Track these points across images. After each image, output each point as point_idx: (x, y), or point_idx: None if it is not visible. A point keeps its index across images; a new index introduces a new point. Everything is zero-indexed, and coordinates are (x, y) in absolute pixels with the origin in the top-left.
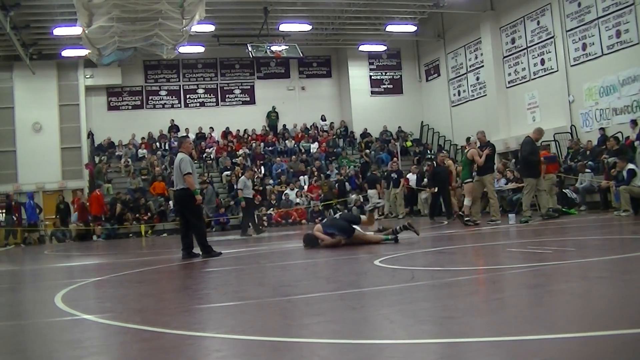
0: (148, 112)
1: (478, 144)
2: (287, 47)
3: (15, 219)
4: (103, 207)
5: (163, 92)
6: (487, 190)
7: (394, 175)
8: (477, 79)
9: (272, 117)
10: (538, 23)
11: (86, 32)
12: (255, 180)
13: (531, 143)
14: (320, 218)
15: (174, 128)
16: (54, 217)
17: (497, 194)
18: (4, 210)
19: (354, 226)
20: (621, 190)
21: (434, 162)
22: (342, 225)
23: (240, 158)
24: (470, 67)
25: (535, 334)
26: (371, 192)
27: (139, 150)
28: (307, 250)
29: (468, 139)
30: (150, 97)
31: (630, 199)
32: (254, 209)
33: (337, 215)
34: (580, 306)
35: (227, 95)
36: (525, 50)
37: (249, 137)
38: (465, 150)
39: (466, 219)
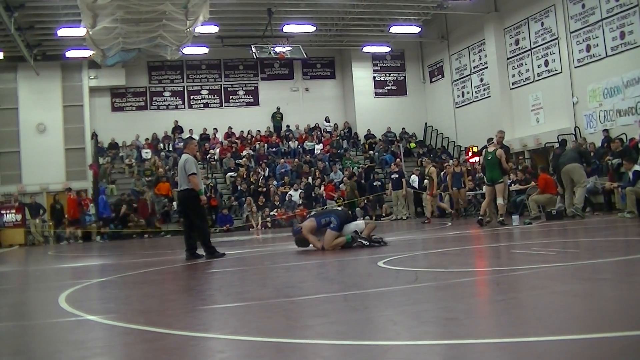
0: (152, 113)
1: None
2: (291, 48)
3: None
4: (78, 209)
5: (167, 93)
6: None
7: (394, 176)
8: (481, 80)
9: (277, 118)
10: (542, 24)
11: (90, 33)
12: (260, 180)
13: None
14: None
15: (177, 129)
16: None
17: None
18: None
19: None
20: (627, 192)
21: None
22: (341, 213)
23: (244, 159)
24: (474, 68)
25: (539, 335)
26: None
27: (143, 151)
28: (307, 251)
29: (490, 140)
30: (154, 98)
31: (636, 200)
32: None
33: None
34: (584, 308)
35: (231, 96)
36: (529, 52)
37: (253, 138)
38: (492, 150)
39: (501, 219)
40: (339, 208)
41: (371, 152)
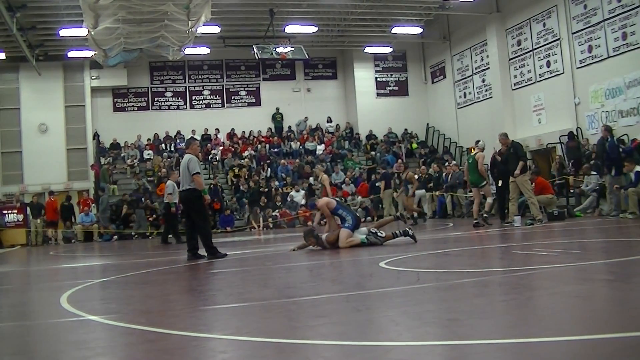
0: (154, 114)
1: (482, 149)
2: (292, 48)
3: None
4: (58, 213)
5: (169, 94)
6: (523, 190)
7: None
8: (483, 81)
9: (277, 118)
10: (544, 25)
11: (92, 33)
12: (260, 181)
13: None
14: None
15: (179, 134)
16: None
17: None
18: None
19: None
20: (630, 193)
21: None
22: (357, 216)
23: (245, 160)
24: (476, 69)
25: (541, 336)
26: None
27: (145, 151)
28: (308, 251)
29: (477, 142)
30: (155, 99)
31: (638, 201)
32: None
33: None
34: (585, 309)
35: (232, 97)
36: (531, 53)
37: (255, 139)
38: (473, 153)
39: (485, 216)
40: (357, 213)
41: (373, 152)
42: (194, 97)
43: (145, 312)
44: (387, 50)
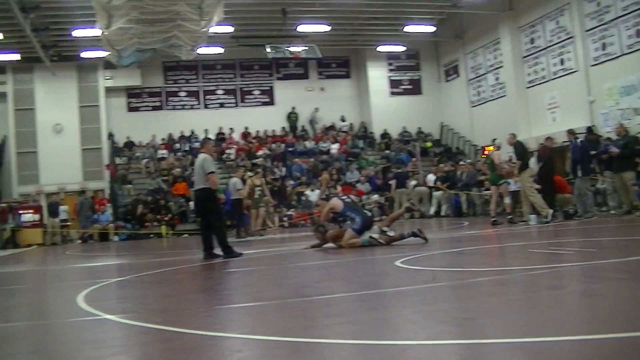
0: (168, 113)
1: (499, 148)
2: (305, 48)
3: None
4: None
5: (182, 94)
6: (524, 188)
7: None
8: (497, 79)
9: (292, 118)
10: (557, 23)
11: (105, 33)
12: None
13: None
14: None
15: (193, 134)
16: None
17: (512, 195)
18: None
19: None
20: None
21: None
22: (367, 217)
23: (260, 159)
24: (489, 67)
25: (556, 335)
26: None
27: (159, 151)
28: (324, 250)
29: (493, 141)
30: (169, 98)
31: None
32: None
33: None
34: (601, 308)
35: (246, 96)
36: (545, 51)
37: (269, 138)
38: (489, 153)
39: (494, 219)
40: (368, 213)
41: (387, 151)
42: (207, 97)
43: (161, 311)
44: (401, 49)
